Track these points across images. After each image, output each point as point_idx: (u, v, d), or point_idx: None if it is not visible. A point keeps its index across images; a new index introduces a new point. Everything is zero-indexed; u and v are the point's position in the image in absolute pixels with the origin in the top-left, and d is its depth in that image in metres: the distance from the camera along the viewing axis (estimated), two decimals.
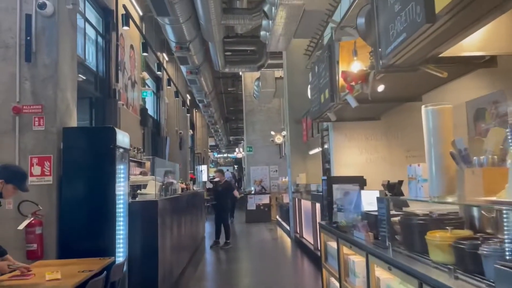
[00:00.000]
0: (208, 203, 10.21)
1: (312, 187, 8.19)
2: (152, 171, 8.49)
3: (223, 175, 10.16)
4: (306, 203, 8.95)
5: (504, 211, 1.69)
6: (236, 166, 41.06)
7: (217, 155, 44.41)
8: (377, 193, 3.81)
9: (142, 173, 8.70)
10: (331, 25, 3.82)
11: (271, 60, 14.61)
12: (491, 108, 3.01)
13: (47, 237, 4.36)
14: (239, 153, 30.54)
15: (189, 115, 17.92)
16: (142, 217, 5.13)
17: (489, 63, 2.58)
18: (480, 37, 2.32)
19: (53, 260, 4.24)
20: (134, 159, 10.24)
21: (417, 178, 2.51)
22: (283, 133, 13.24)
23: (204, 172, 24.05)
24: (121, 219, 4.90)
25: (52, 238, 4.41)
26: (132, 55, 11.13)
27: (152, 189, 5.48)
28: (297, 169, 10.58)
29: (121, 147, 4.77)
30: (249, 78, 16.80)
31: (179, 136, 16.33)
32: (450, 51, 2.34)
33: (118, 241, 4.80)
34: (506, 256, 1.65)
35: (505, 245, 1.68)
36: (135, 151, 10.28)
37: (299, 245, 9.53)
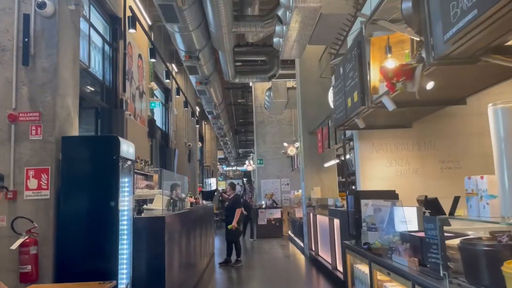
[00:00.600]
0: (217, 217, 9.75)
1: (329, 201, 7.70)
2: (160, 184, 8.10)
3: (232, 189, 9.69)
4: (322, 219, 8.45)
5: None
6: (245, 179, 40.58)
7: (226, 168, 44.01)
8: (412, 210, 3.34)
9: (148, 186, 8.31)
10: (360, 19, 3.41)
11: (282, 71, 14.24)
12: None
13: (43, 258, 3.95)
14: (249, 165, 30.08)
15: (198, 127, 17.57)
16: (148, 235, 4.69)
17: None
18: None
19: (48, 285, 3.83)
20: (141, 171, 9.87)
21: (480, 193, 2.05)
22: (296, 144, 12.79)
23: (213, 185, 23.61)
24: (125, 237, 4.48)
25: (49, 259, 3.99)
26: (140, 64, 10.83)
27: (159, 203, 5.05)
28: (311, 182, 10.10)
29: (126, 158, 4.36)
30: (259, 89, 16.44)
31: (188, 148, 15.96)
32: None
33: (121, 261, 4.37)
34: None
35: None
36: (143, 163, 9.91)
37: (314, 263, 8.99)
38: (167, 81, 11.90)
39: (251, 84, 16.98)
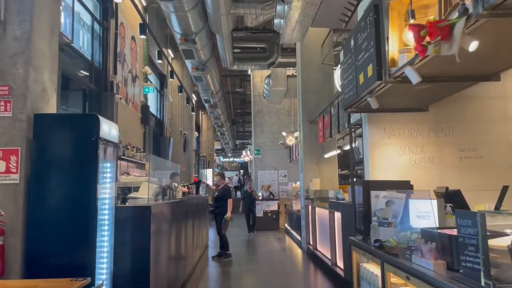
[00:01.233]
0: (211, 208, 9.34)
1: (330, 193, 7.27)
2: (153, 172, 7.64)
3: (222, 178, 9.29)
4: (321, 212, 8.02)
5: None
6: (242, 171, 40.17)
7: (223, 159, 43.58)
8: (428, 203, 2.90)
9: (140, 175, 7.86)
10: None
11: (282, 59, 13.74)
12: None
13: (10, 250, 3.49)
14: (246, 156, 29.65)
15: (193, 114, 17.07)
16: (132, 226, 4.25)
17: None
18: None
19: (14, 281, 3.37)
20: (133, 159, 9.42)
21: None
22: (296, 134, 12.33)
23: (209, 177, 23.18)
24: (105, 228, 4.03)
25: (17, 251, 3.54)
26: (134, 47, 10.32)
27: (145, 192, 4.59)
28: (310, 173, 9.67)
29: (107, 140, 3.89)
30: (258, 77, 15.94)
31: (183, 137, 15.49)
32: None
33: (101, 255, 3.93)
34: None
35: None
36: (134, 150, 9.46)
37: (312, 258, 8.59)
38: (159, 61, 11.31)
39: (249, 72, 16.47)
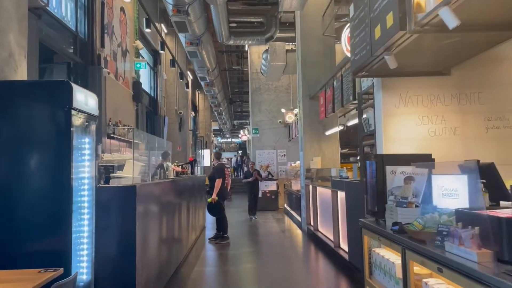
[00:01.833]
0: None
1: (333, 172, 6.84)
2: (147, 151, 7.17)
3: (216, 158, 8.90)
4: (323, 191, 7.61)
5: None
6: (240, 152, 39.79)
7: (221, 140, 43.15)
8: (459, 178, 2.45)
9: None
10: None
11: (280, 33, 13.14)
12: None
13: None
14: (244, 135, 29.18)
15: (189, 91, 16.49)
16: (115, 209, 3.82)
17: None
18: None
19: None
20: (124, 138, 8.95)
21: None
22: (295, 111, 11.83)
23: (206, 157, 22.76)
24: (85, 210, 3.60)
25: None
26: (123, 19, 9.71)
27: (130, 171, 4.13)
28: (311, 152, 9.23)
29: (83, 111, 3.41)
30: (255, 53, 15.33)
31: (178, 116, 14.98)
32: None
33: (80, 240, 3.51)
34: None
35: None
36: (126, 129, 8.98)
37: (313, 239, 8.22)
38: (148, 30, 10.67)
39: (246, 48, 15.85)
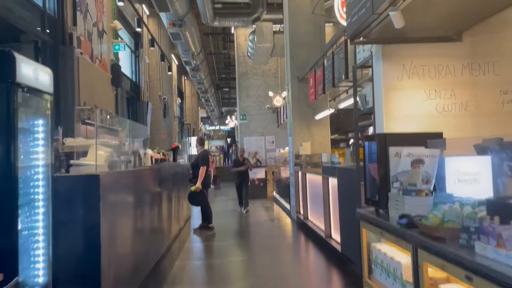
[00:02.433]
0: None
1: (323, 157, 6.41)
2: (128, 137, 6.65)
3: (199, 144, 8.38)
4: (313, 178, 7.19)
5: None
6: (229, 140, 39.25)
7: (209, 128, 42.51)
8: (479, 160, 2.02)
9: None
10: None
11: (268, 15, 12.56)
12: None
13: None
14: (231, 121, 28.63)
15: (171, 74, 15.84)
16: (76, 200, 3.33)
17: None
18: None
19: None
20: (102, 124, 8.39)
21: None
22: (283, 94, 11.35)
23: (194, 144, 22.18)
24: (39, 203, 3.10)
25: None
26: None
27: (94, 157, 3.63)
28: (300, 137, 8.79)
29: (32, 87, 2.89)
30: (242, 36, 14.74)
31: (163, 102, 14.40)
32: None
33: (33, 238, 3.04)
34: None
35: None
36: (105, 114, 8.41)
37: (303, 229, 7.82)
38: (121, 3, 10.02)
39: (233, 31, 15.25)
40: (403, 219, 2.07)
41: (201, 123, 37.61)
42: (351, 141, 6.09)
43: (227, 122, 31.05)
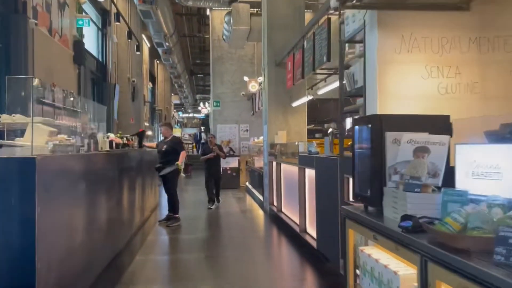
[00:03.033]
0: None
1: (300, 147, 5.99)
2: (95, 123, 6.00)
3: (170, 129, 7.65)
4: (289, 169, 6.77)
5: None
6: (203, 128, 38.47)
7: (182, 115, 41.58)
8: (497, 150, 1.60)
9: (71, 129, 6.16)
10: None
11: None
12: None
13: None
14: (204, 108, 27.94)
15: (142, 56, 15.06)
16: (6, 187, 2.76)
17: None
18: None
19: None
20: (61, 105, 7.67)
21: None
22: (259, 79, 10.85)
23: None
24: None
25: None
26: None
27: (36, 138, 3.06)
28: (275, 125, 8.36)
29: None
30: (218, 18, 14.09)
31: (131, 85, 13.65)
32: None
33: None
34: None
35: None
36: (65, 94, 7.69)
37: (276, 221, 7.42)
38: None
39: (208, 13, 14.59)
40: (406, 222, 1.64)
41: (174, 110, 36.65)
42: (329, 130, 5.68)
43: (200, 108, 30.23)
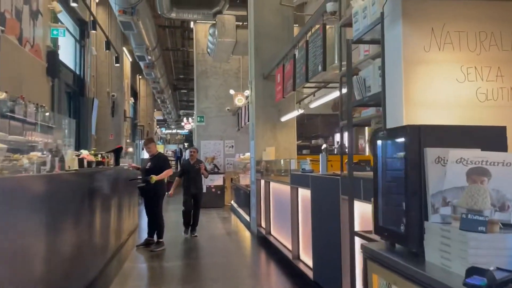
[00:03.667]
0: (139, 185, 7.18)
1: (292, 164, 5.49)
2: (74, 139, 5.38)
3: (154, 145, 7.04)
4: (279, 188, 6.25)
5: None
6: (186, 144, 37.76)
7: (165, 131, 40.81)
8: None
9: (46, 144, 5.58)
10: None
11: (230, 10, 11.61)
12: None
13: None
14: (187, 123, 27.32)
15: (122, 69, 14.42)
16: None
17: None
18: None
19: None
20: (33, 120, 7.04)
21: None
22: (246, 93, 10.39)
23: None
24: None
25: None
26: None
27: None
28: (263, 141, 7.87)
29: None
30: (202, 31, 13.66)
31: (111, 99, 13.03)
32: None
33: None
34: None
35: None
36: (36, 108, 7.07)
37: (264, 245, 6.85)
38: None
39: (192, 25, 14.17)
40: (474, 279, 1.14)
41: (157, 126, 35.91)
42: (323, 146, 5.20)
43: (183, 124, 29.57)
